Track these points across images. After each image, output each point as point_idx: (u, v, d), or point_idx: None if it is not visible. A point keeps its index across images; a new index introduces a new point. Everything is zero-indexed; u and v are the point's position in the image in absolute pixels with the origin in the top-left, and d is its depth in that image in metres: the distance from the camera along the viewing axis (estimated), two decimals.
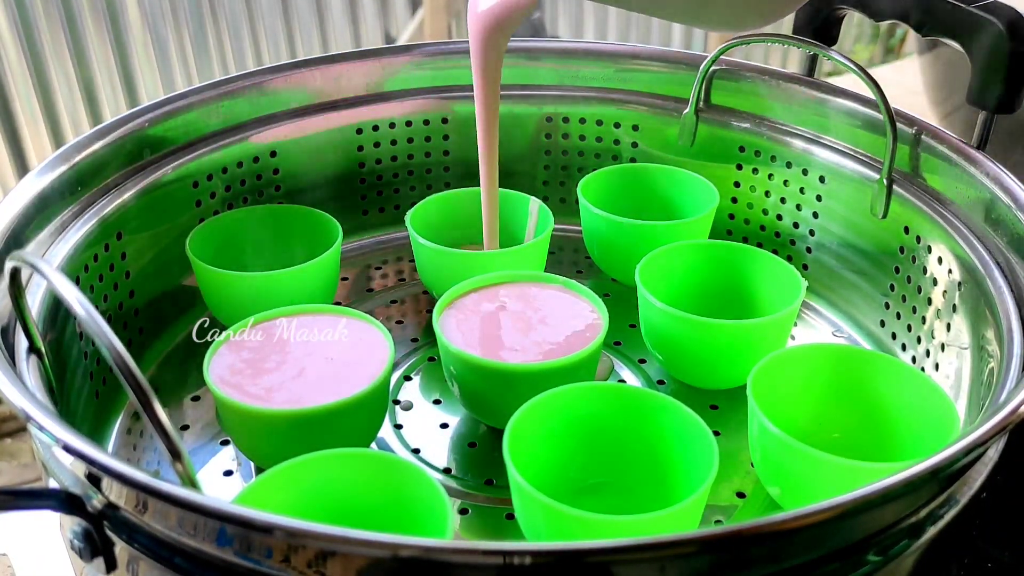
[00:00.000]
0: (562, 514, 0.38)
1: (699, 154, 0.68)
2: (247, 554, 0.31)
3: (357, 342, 0.51)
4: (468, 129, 0.71)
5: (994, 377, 0.45)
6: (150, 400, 0.32)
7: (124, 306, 0.57)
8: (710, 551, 0.30)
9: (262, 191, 0.66)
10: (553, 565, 0.29)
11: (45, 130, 1.34)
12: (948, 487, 0.36)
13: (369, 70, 0.68)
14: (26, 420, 0.35)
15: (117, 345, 0.32)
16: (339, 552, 0.30)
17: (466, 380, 0.50)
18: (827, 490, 0.41)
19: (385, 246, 0.72)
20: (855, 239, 0.61)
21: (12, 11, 1.25)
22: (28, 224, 0.49)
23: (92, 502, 0.34)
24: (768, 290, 0.57)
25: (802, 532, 0.31)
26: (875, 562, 0.34)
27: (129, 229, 0.57)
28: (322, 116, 0.67)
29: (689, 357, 0.54)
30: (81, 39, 1.33)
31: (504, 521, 0.48)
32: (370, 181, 0.71)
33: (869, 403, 0.49)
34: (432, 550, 0.29)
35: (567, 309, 0.54)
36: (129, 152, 0.57)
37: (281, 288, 0.56)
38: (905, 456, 0.47)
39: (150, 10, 1.38)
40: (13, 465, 1.21)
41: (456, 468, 0.51)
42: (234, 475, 0.51)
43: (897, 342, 0.58)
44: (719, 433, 0.53)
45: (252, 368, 0.49)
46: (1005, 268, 0.49)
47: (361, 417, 0.48)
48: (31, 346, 0.43)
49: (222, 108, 0.63)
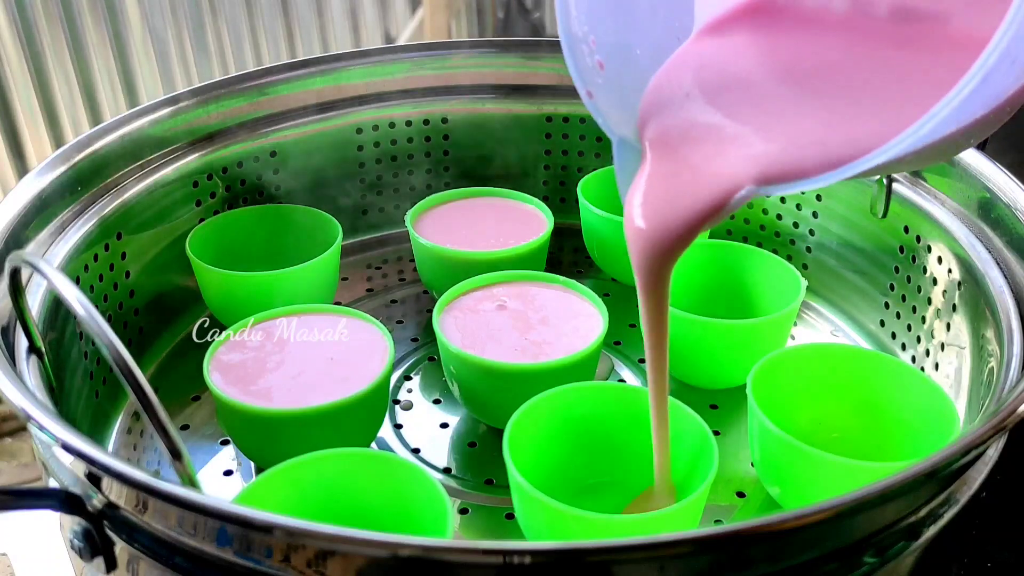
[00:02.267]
0: (562, 514, 0.39)
1: None
2: (247, 554, 0.31)
3: (357, 342, 0.51)
4: (468, 129, 0.71)
5: (994, 377, 0.44)
6: (150, 400, 0.32)
7: (124, 306, 0.57)
8: (709, 551, 0.30)
9: (262, 191, 0.66)
10: (553, 565, 0.29)
11: (45, 130, 1.34)
12: (948, 487, 0.36)
13: (369, 70, 0.68)
14: (26, 420, 0.35)
15: (117, 345, 0.32)
16: (339, 552, 0.30)
17: (466, 380, 0.50)
18: (827, 490, 0.41)
19: (385, 246, 0.72)
20: (855, 239, 0.61)
21: (12, 11, 1.25)
22: (28, 224, 0.49)
23: (92, 502, 0.34)
24: (768, 290, 0.57)
25: (802, 532, 0.31)
26: (875, 562, 0.34)
27: (129, 229, 0.57)
28: (322, 116, 0.67)
29: (689, 357, 0.54)
30: (81, 39, 1.33)
31: (504, 521, 0.48)
32: (370, 181, 0.71)
33: (869, 403, 0.49)
34: (432, 550, 0.29)
35: (567, 309, 0.54)
36: (129, 152, 0.57)
37: (281, 288, 0.56)
38: (905, 456, 0.47)
39: (150, 10, 1.38)
40: (13, 465, 1.21)
41: (456, 468, 0.51)
42: (234, 475, 0.51)
43: (897, 342, 0.58)
44: (719, 433, 0.53)
45: (252, 368, 0.49)
46: (1005, 268, 0.49)
47: (361, 417, 0.48)
48: (31, 346, 0.43)
49: (222, 108, 0.63)
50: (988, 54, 0.27)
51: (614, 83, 0.40)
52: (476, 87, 0.70)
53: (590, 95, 0.40)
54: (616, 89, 0.41)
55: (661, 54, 0.42)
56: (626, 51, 0.41)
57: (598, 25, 0.40)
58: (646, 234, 0.37)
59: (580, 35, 0.40)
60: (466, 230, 0.62)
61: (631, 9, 0.41)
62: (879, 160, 0.29)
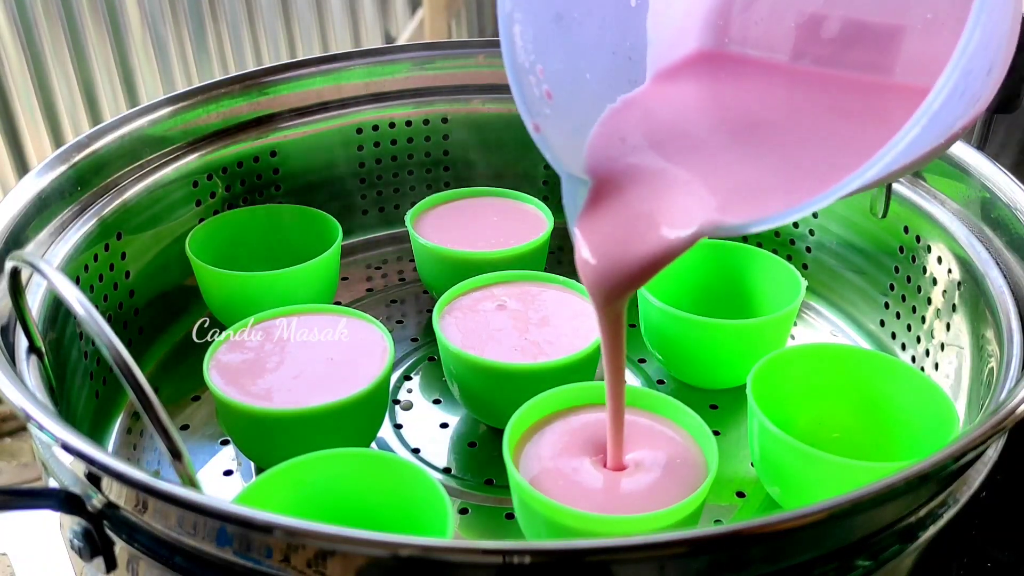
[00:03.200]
0: (562, 514, 0.39)
1: None
2: (247, 554, 0.31)
3: (357, 342, 0.51)
4: (468, 129, 0.71)
5: (994, 377, 0.45)
6: (150, 400, 0.32)
7: (124, 306, 0.57)
8: (709, 551, 0.30)
9: (262, 191, 0.66)
10: (553, 565, 0.29)
11: (45, 130, 1.34)
12: (948, 487, 0.36)
13: (369, 70, 0.68)
14: (26, 420, 0.35)
15: (117, 345, 0.32)
16: (339, 552, 0.30)
17: (466, 380, 0.50)
18: (827, 490, 0.41)
19: (385, 246, 0.72)
20: (855, 239, 0.61)
21: (12, 11, 1.25)
22: (28, 224, 0.49)
23: (92, 502, 0.34)
24: (768, 290, 0.57)
25: (801, 532, 0.31)
26: (874, 563, 0.34)
27: (129, 229, 0.57)
28: (322, 116, 0.67)
29: (689, 357, 0.54)
30: (81, 39, 1.33)
31: (504, 521, 0.48)
32: (370, 181, 0.71)
33: (869, 403, 0.49)
34: (432, 549, 0.29)
35: (567, 309, 0.54)
36: (129, 152, 0.57)
37: (281, 288, 0.56)
38: (905, 456, 0.47)
39: (150, 10, 1.38)
40: (13, 465, 1.21)
41: (456, 468, 0.51)
42: (234, 475, 0.51)
43: (897, 342, 0.58)
44: (719, 433, 0.53)
45: (252, 368, 0.49)
46: (1005, 268, 0.49)
47: (361, 417, 0.48)
48: (31, 346, 0.43)
49: (222, 108, 0.63)
50: (940, 87, 0.28)
51: (563, 112, 0.40)
52: (476, 87, 0.70)
53: (537, 128, 0.39)
54: (565, 119, 0.40)
55: (611, 77, 0.42)
56: (575, 77, 0.41)
57: (544, 54, 0.39)
58: (597, 271, 0.38)
59: (527, 65, 0.39)
60: (466, 230, 0.62)
61: (578, 34, 0.41)
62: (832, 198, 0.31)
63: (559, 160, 0.39)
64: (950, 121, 0.31)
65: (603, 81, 0.42)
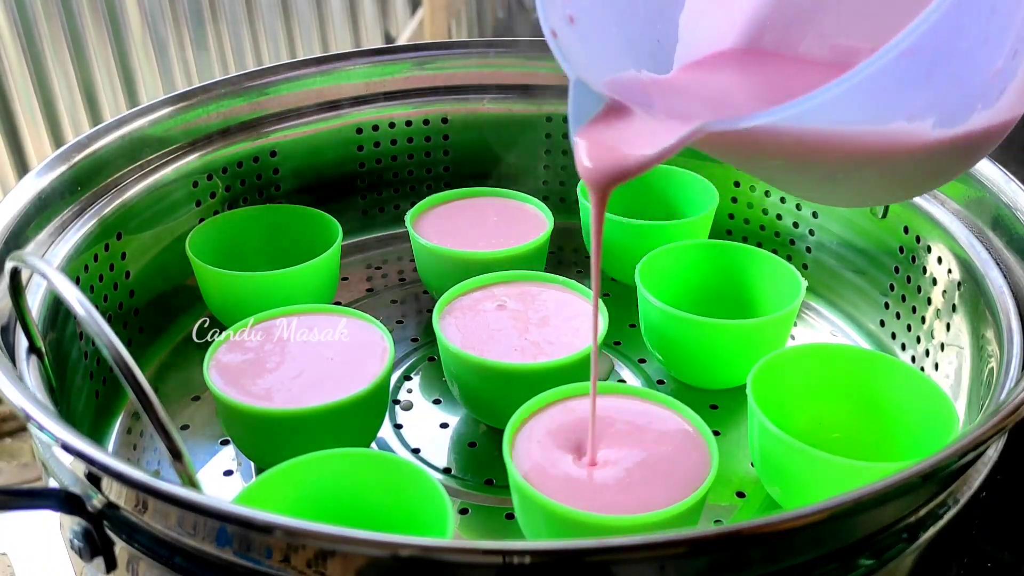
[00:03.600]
0: (562, 514, 0.39)
1: (699, 153, 0.67)
2: (247, 554, 0.31)
3: (357, 342, 0.51)
4: (468, 129, 0.71)
5: (994, 377, 0.45)
6: (150, 400, 0.32)
7: (124, 306, 0.57)
8: (709, 551, 0.30)
9: (262, 191, 0.66)
10: (553, 565, 0.29)
11: (45, 130, 1.34)
12: (948, 487, 0.36)
13: (369, 70, 0.68)
14: (26, 420, 0.35)
15: (117, 345, 0.32)
16: (339, 552, 0.30)
17: (466, 380, 0.50)
18: (827, 490, 0.41)
19: (385, 246, 0.72)
20: (855, 239, 0.61)
21: (12, 11, 1.25)
22: (28, 224, 0.49)
23: (92, 502, 0.34)
24: (768, 290, 0.57)
25: (801, 532, 0.31)
26: (874, 562, 0.34)
27: (129, 229, 0.57)
28: (322, 116, 0.67)
29: (689, 357, 0.54)
30: (81, 39, 1.33)
31: (504, 521, 0.48)
32: (370, 181, 0.71)
33: (869, 403, 0.49)
34: (432, 550, 0.29)
35: (567, 309, 0.54)
36: (129, 152, 0.57)
37: (281, 288, 0.56)
38: (905, 456, 0.47)
39: (150, 10, 1.38)
40: (13, 465, 1.21)
41: (456, 468, 0.51)
42: (234, 475, 0.51)
43: (897, 342, 0.58)
44: (719, 433, 0.53)
45: (252, 368, 0.49)
46: (1005, 268, 0.49)
47: (361, 417, 0.48)
48: (31, 346, 0.43)
49: (222, 108, 0.63)
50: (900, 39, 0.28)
51: (582, 38, 0.40)
52: (476, 87, 0.70)
53: (555, 34, 0.39)
54: (582, 42, 0.40)
55: (636, 44, 0.43)
56: (602, 22, 0.42)
57: None
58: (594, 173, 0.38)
59: None
60: (466, 230, 0.62)
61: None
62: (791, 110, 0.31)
63: (573, 66, 0.39)
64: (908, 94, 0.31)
65: (628, 40, 0.42)
